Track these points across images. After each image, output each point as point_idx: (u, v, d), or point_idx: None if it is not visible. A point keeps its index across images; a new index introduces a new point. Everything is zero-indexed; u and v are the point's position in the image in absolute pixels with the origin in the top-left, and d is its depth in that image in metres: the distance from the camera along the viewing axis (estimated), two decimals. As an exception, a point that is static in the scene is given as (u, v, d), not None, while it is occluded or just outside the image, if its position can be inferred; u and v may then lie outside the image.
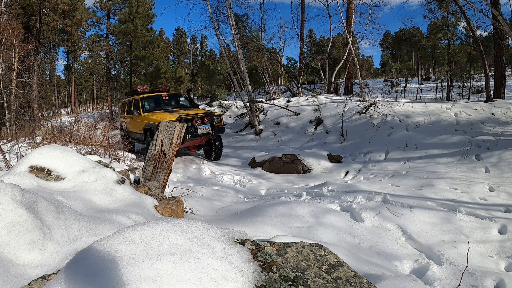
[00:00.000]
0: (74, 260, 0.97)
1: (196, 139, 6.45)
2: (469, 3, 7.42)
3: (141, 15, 20.12)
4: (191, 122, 6.30)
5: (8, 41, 11.40)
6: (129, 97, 8.85)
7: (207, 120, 6.52)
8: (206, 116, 6.54)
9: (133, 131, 7.71)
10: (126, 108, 8.61)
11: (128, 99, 8.70)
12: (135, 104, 7.76)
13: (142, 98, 7.55)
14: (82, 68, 36.17)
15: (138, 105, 7.41)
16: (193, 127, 6.30)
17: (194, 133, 6.32)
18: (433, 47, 22.63)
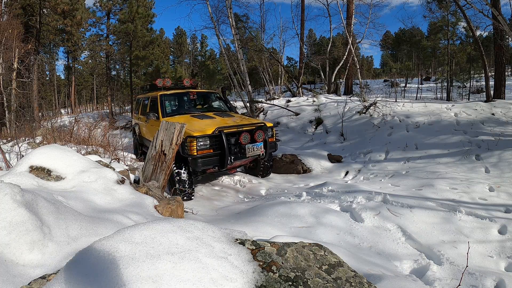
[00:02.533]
0: (74, 260, 0.97)
1: (240, 161, 4.62)
2: (469, 3, 7.42)
3: (141, 15, 20.12)
4: (237, 137, 4.43)
5: (8, 41, 11.40)
6: (145, 92, 6.98)
7: (259, 136, 4.50)
8: (257, 130, 4.51)
9: (148, 139, 5.91)
10: (141, 107, 6.81)
11: (144, 95, 6.87)
12: (152, 104, 5.91)
13: (162, 97, 5.60)
14: (82, 68, 36.18)
15: (156, 106, 5.49)
16: (238, 146, 4.42)
17: (240, 154, 4.41)
18: (433, 47, 22.66)
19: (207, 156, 4.18)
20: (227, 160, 4.22)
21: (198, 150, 4.10)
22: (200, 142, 4.11)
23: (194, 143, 4.06)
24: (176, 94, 6.04)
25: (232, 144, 4.42)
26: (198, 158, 4.11)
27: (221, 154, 4.26)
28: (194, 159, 4.12)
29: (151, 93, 6.23)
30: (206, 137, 4.16)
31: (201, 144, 4.12)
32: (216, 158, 4.26)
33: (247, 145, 4.44)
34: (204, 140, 4.17)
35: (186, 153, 4.11)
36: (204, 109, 5.97)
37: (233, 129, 4.47)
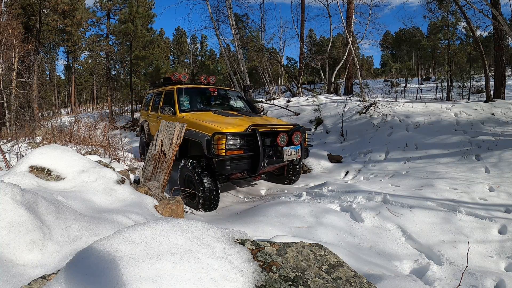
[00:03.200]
0: (74, 260, 0.97)
1: (273, 166, 4.04)
2: (469, 3, 7.43)
3: (141, 15, 20.13)
4: (273, 138, 3.88)
5: (8, 41, 11.40)
6: (157, 87, 6.27)
7: (297, 139, 3.93)
8: (295, 132, 3.93)
9: None
10: (152, 103, 6.18)
11: (155, 90, 6.17)
12: (166, 98, 5.28)
13: (180, 90, 4.97)
14: (82, 68, 36.20)
15: (172, 100, 4.84)
16: (275, 148, 3.81)
17: (275, 158, 3.82)
18: (433, 47, 22.68)
19: (237, 158, 3.52)
20: (261, 164, 3.54)
21: (227, 150, 3.42)
22: (230, 140, 3.45)
23: (223, 142, 3.39)
24: (195, 89, 5.27)
25: (267, 146, 3.83)
26: (227, 160, 3.41)
27: (253, 156, 3.62)
28: (221, 161, 3.45)
29: (166, 88, 5.52)
30: (237, 135, 3.50)
31: (231, 143, 3.47)
32: (247, 161, 3.60)
33: (285, 148, 3.80)
34: (235, 139, 3.49)
35: (212, 153, 3.47)
36: (225, 108, 5.24)
37: (268, 128, 3.86)
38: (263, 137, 3.76)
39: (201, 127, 3.79)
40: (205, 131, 3.65)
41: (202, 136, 3.63)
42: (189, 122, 4.01)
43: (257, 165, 3.57)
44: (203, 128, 3.73)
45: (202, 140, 3.60)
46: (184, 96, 4.96)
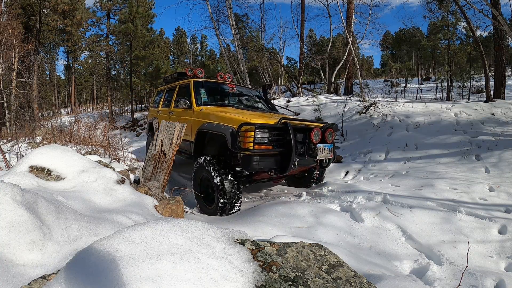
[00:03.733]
0: (74, 260, 0.97)
1: (304, 165, 3.52)
2: (469, 3, 7.43)
3: (141, 15, 20.13)
4: (304, 135, 3.48)
5: (8, 41, 11.40)
6: (169, 82, 5.88)
7: (330, 136, 3.55)
8: (328, 129, 3.54)
9: None
10: (163, 98, 5.80)
11: (168, 86, 5.80)
12: (181, 92, 4.94)
13: (197, 83, 4.61)
14: (82, 68, 36.21)
15: (188, 93, 4.50)
16: (307, 145, 3.38)
17: (309, 155, 3.37)
18: (433, 47, 22.68)
19: (266, 154, 3.09)
20: (292, 162, 3.11)
21: (255, 143, 2.98)
22: (258, 133, 3.01)
23: (251, 134, 2.97)
24: (214, 84, 4.93)
25: (298, 142, 3.37)
26: (255, 155, 2.98)
27: (282, 153, 3.19)
28: (248, 156, 3.01)
29: (180, 82, 5.12)
30: (267, 128, 3.08)
31: (260, 136, 3.03)
32: (276, 158, 3.17)
33: (318, 145, 3.36)
34: (264, 132, 3.06)
35: (237, 147, 3.02)
36: (245, 105, 4.88)
37: (300, 123, 3.46)
38: (294, 132, 3.26)
39: (225, 119, 3.36)
40: (230, 122, 3.20)
41: (226, 129, 3.17)
42: (209, 114, 3.68)
43: (288, 163, 3.11)
44: (227, 120, 3.29)
45: (226, 133, 3.14)
46: (201, 89, 4.52)
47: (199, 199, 3.61)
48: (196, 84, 4.62)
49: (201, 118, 3.85)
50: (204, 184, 3.57)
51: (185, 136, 4.19)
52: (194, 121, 4.04)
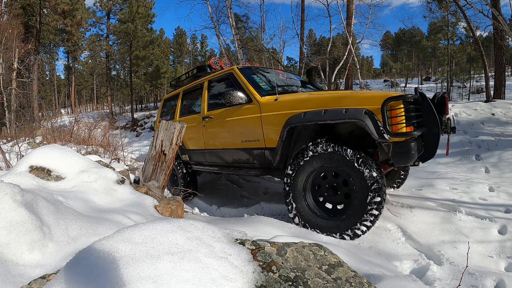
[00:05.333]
0: (74, 260, 0.97)
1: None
2: (469, 3, 7.43)
3: (141, 15, 20.14)
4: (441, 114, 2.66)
5: (8, 41, 11.41)
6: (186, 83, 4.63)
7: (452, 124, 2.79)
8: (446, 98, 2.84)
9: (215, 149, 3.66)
10: (179, 106, 4.55)
11: (185, 88, 4.49)
12: (216, 88, 3.82)
13: (245, 70, 3.53)
14: (82, 68, 36.22)
15: (237, 84, 3.36)
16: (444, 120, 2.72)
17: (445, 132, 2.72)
18: (433, 47, 22.69)
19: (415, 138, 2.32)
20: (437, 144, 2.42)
21: (407, 125, 2.21)
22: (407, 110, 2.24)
23: (401, 111, 2.19)
24: (261, 69, 3.88)
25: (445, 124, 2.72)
26: (411, 141, 2.23)
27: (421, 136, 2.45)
28: (404, 144, 2.23)
29: (209, 76, 3.97)
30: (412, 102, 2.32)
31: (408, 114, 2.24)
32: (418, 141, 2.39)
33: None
34: (409, 108, 2.27)
35: (387, 133, 2.17)
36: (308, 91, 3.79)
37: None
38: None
39: (346, 99, 2.42)
40: (360, 102, 2.31)
41: (355, 112, 2.26)
42: (299, 102, 2.67)
43: (434, 145, 2.43)
44: (352, 99, 2.38)
45: (362, 117, 2.22)
46: (255, 77, 3.47)
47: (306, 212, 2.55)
48: (245, 71, 3.49)
49: (280, 110, 2.75)
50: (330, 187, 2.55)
51: (247, 143, 3.10)
52: (267, 117, 2.88)
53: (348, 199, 2.42)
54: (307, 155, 2.53)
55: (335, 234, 2.40)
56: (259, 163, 3.10)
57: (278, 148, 2.78)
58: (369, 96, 2.36)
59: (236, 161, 3.39)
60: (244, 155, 3.21)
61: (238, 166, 3.42)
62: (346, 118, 2.33)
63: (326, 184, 2.55)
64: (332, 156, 2.40)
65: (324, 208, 2.58)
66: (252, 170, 3.20)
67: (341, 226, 2.37)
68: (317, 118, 2.47)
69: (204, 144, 3.85)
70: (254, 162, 3.15)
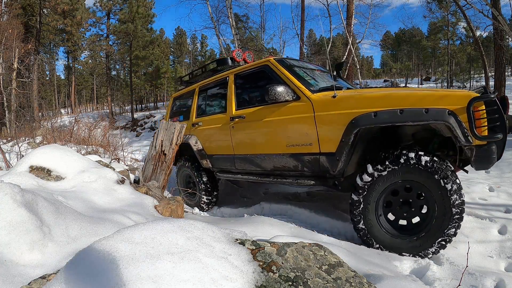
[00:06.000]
0: (74, 260, 0.97)
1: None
2: (469, 3, 7.43)
3: (141, 15, 20.14)
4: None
5: (8, 41, 11.41)
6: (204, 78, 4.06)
7: None
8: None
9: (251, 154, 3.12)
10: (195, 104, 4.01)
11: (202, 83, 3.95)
12: (243, 83, 3.36)
13: (285, 63, 3.04)
14: (82, 68, 36.20)
15: (277, 79, 2.87)
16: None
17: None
18: (433, 47, 22.70)
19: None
20: (503, 148, 2.25)
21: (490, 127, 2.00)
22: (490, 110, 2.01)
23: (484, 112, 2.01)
24: (301, 62, 3.53)
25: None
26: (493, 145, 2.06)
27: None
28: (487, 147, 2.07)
29: (236, 70, 3.43)
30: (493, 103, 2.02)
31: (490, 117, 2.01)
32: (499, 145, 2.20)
33: None
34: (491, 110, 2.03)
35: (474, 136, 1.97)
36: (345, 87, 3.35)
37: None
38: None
39: (422, 97, 2.13)
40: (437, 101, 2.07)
41: (440, 113, 2.00)
42: (366, 99, 2.31)
43: (501, 150, 2.23)
44: (429, 98, 2.11)
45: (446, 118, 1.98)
46: (297, 70, 3.02)
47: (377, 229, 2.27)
48: (284, 63, 3.01)
49: (341, 109, 2.36)
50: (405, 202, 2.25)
51: (295, 147, 2.68)
52: (323, 117, 2.47)
53: (423, 215, 2.17)
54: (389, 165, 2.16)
55: (408, 254, 2.17)
56: (311, 171, 2.66)
57: (339, 153, 2.36)
58: (449, 94, 2.11)
59: (279, 168, 2.90)
60: (291, 162, 2.75)
61: (282, 175, 2.93)
62: (429, 119, 2.03)
63: (399, 198, 2.23)
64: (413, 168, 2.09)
65: (396, 225, 2.27)
66: (301, 179, 2.73)
67: (416, 246, 2.14)
68: (394, 119, 2.12)
69: (233, 148, 3.31)
70: (304, 170, 2.70)
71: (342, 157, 2.35)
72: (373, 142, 2.38)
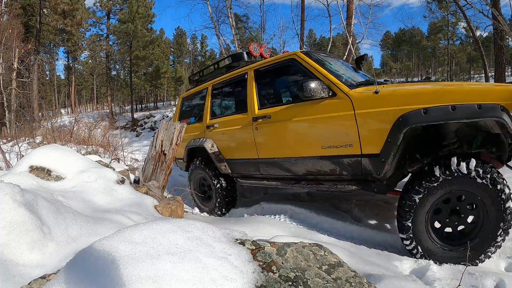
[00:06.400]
0: (74, 260, 0.97)
1: None
2: (469, 3, 7.44)
3: (141, 15, 20.15)
4: None
5: (8, 41, 11.42)
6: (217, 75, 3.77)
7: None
8: None
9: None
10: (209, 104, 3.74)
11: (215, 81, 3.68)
12: (280, 73, 3.04)
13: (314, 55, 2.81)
14: (82, 68, 36.23)
15: (308, 74, 2.60)
16: None
17: None
18: (433, 47, 22.70)
19: None
20: None
21: None
22: None
23: None
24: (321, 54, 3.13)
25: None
26: None
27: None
28: None
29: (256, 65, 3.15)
30: None
31: None
32: None
33: None
34: None
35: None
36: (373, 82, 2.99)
37: None
38: None
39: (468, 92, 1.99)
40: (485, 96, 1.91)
41: (493, 109, 1.83)
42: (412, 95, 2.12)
43: None
44: (476, 93, 1.96)
45: (499, 114, 1.83)
46: (329, 64, 2.79)
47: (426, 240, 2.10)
48: (312, 56, 2.74)
49: (386, 106, 2.15)
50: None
51: (332, 149, 2.45)
52: (365, 115, 2.26)
53: (471, 224, 2.04)
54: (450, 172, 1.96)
55: (455, 263, 2.03)
56: (351, 175, 2.44)
57: (385, 154, 2.15)
58: (497, 89, 1.98)
59: (312, 173, 2.67)
60: (327, 165, 2.53)
61: (316, 180, 2.70)
62: (484, 116, 1.85)
63: (449, 207, 2.08)
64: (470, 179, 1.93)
65: (442, 234, 2.12)
66: (340, 184, 2.50)
67: (465, 257, 1.95)
68: (446, 117, 1.92)
69: (257, 152, 3.06)
70: (343, 174, 2.48)
71: (389, 159, 2.14)
72: (413, 140, 2.20)
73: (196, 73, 4.29)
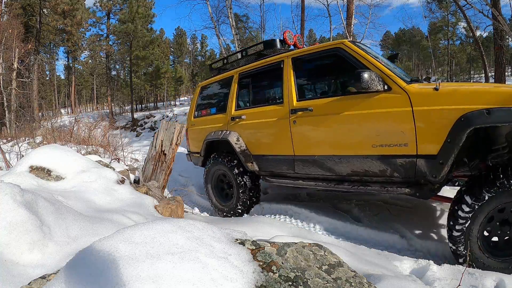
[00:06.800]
0: (74, 260, 0.97)
1: None
2: (469, 3, 7.44)
3: (141, 15, 20.15)
4: None
5: (8, 41, 11.42)
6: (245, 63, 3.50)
7: None
8: None
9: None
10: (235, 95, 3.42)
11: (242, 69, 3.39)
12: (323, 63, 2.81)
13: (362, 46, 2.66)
14: (82, 68, 36.21)
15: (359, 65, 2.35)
16: None
17: None
18: (433, 47, 22.69)
19: None
20: None
21: None
22: None
23: None
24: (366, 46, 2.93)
25: None
26: None
27: None
28: None
29: (293, 53, 2.90)
30: None
31: None
32: None
33: None
34: None
35: None
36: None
37: None
38: None
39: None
40: None
41: None
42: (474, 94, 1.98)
43: None
44: None
45: None
46: (380, 58, 2.66)
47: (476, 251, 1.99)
48: (362, 47, 2.55)
49: (447, 104, 2.00)
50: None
51: (384, 148, 2.27)
52: (424, 112, 2.08)
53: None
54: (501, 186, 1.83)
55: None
56: (403, 177, 2.26)
57: (444, 156, 2.00)
58: None
59: (358, 173, 2.46)
60: (377, 165, 2.33)
61: (363, 181, 2.49)
62: None
63: (502, 217, 1.96)
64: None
65: (490, 242, 2.01)
66: (391, 186, 2.31)
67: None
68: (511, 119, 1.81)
69: (293, 148, 2.81)
70: (394, 175, 2.29)
71: (449, 161, 1.98)
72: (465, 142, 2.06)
73: (219, 60, 3.97)
